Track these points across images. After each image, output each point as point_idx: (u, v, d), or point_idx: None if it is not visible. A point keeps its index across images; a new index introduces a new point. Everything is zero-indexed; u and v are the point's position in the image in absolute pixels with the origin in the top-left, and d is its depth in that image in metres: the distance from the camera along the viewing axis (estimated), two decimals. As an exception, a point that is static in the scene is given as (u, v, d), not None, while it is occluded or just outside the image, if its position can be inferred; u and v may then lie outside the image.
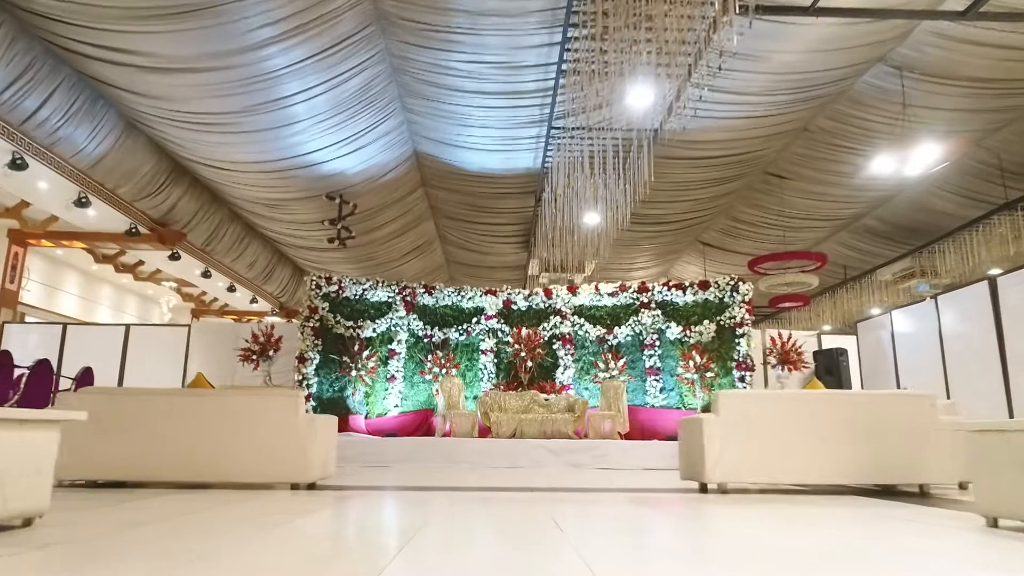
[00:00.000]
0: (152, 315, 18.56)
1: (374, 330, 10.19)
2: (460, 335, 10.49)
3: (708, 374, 9.71)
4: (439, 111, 10.07)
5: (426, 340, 10.42)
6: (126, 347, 10.82)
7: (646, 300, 10.41)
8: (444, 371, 10.01)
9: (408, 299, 10.37)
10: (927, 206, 13.54)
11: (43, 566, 1.97)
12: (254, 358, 9.57)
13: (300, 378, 9.57)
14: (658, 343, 10.29)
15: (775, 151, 12.07)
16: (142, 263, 15.17)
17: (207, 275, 14.79)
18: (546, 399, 9.40)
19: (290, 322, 11.62)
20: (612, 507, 3.88)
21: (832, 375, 10.03)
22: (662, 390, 10.13)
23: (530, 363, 10.00)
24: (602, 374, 10.02)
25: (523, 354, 10.01)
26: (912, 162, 9.81)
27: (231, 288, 16.25)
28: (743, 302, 9.94)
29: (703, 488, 4.62)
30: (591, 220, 11.43)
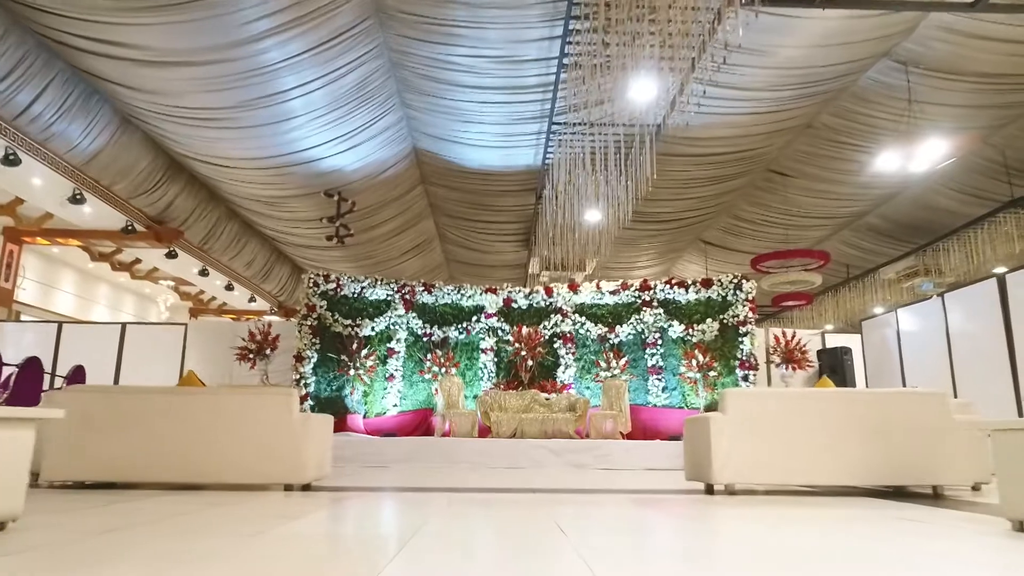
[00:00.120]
0: (150, 314, 18.43)
1: (373, 328, 10.07)
2: (460, 334, 10.38)
3: (711, 373, 9.59)
4: (438, 106, 9.94)
5: (425, 339, 10.30)
6: (122, 346, 10.73)
7: (648, 298, 10.29)
8: (444, 370, 9.90)
9: (407, 297, 10.25)
10: (931, 204, 13.42)
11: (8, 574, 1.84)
12: (251, 357, 9.46)
13: (298, 377, 9.47)
14: (660, 342, 10.17)
15: (778, 148, 11.95)
16: (139, 261, 15.04)
17: (204, 273, 14.66)
18: (547, 398, 9.30)
19: (289, 321, 11.48)
20: (616, 509, 3.75)
21: (836, 374, 9.89)
22: (664, 389, 10.00)
23: (531, 362, 9.89)
24: (603, 373, 9.90)
25: (523, 353, 9.90)
26: (918, 159, 9.68)
27: (229, 287, 16.13)
28: (746, 300, 9.84)
29: (709, 489, 4.49)
30: (592, 217, 11.31)
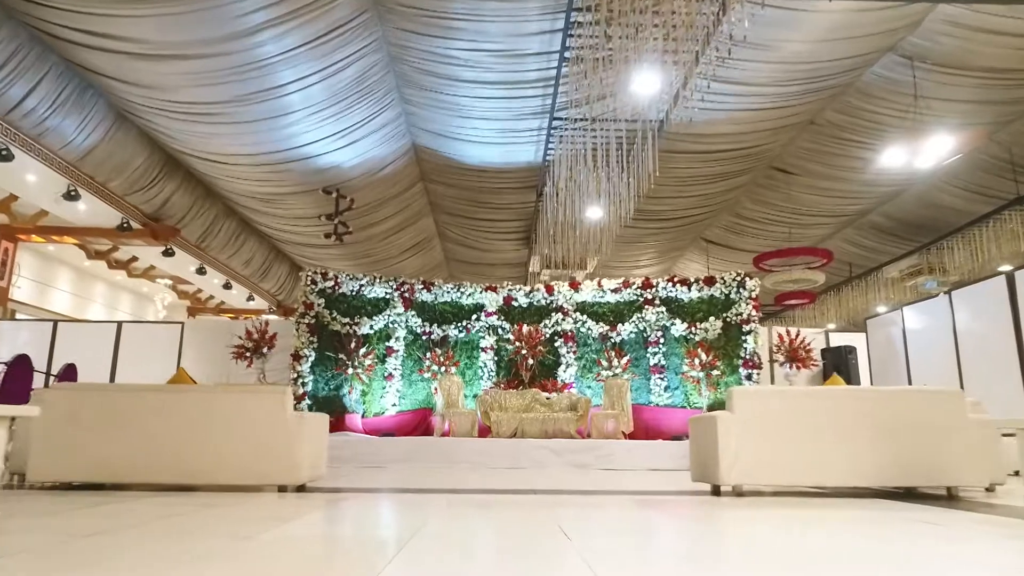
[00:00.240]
0: (147, 313, 18.29)
1: (371, 327, 9.95)
2: (459, 332, 10.25)
3: (714, 372, 9.47)
4: (438, 102, 9.81)
5: (425, 337, 10.18)
6: (118, 344, 10.59)
7: (650, 296, 10.16)
8: (443, 369, 9.78)
9: (406, 295, 10.12)
10: (935, 202, 13.29)
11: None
12: (247, 355, 9.32)
13: (295, 376, 9.34)
14: (662, 340, 10.04)
15: (781, 145, 11.83)
16: (136, 259, 14.91)
17: (202, 272, 14.52)
18: (548, 398, 9.17)
19: (287, 320, 11.35)
20: (621, 511, 3.62)
21: (840, 373, 9.72)
22: (667, 388, 9.88)
23: (531, 361, 9.77)
24: (605, 372, 9.77)
25: (524, 352, 9.78)
26: (923, 155, 9.55)
27: (227, 285, 16.00)
28: (750, 298, 9.71)
29: (716, 491, 4.36)
30: (594, 215, 11.18)
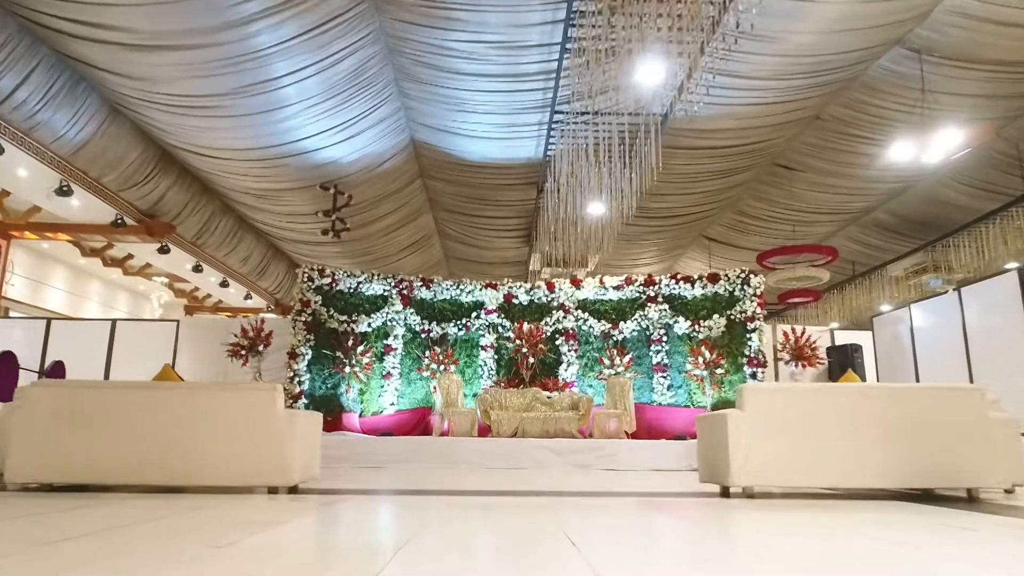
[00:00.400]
0: (144, 311, 18.11)
1: (369, 325, 9.78)
2: (459, 330, 10.08)
3: (718, 371, 9.30)
4: (437, 96, 9.64)
5: (423, 335, 10.01)
6: (112, 343, 10.42)
7: (653, 294, 9.99)
8: (442, 368, 9.61)
9: (405, 293, 9.95)
10: (940, 199, 13.12)
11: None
12: (243, 353, 9.16)
13: (291, 375, 9.17)
14: (665, 338, 9.87)
15: (785, 140, 11.66)
16: (131, 257, 14.73)
17: (198, 269, 14.33)
18: (549, 397, 9.01)
19: (284, 318, 11.18)
20: (628, 514, 3.45)
21: (846, 372, 9.59)
22: (670, 387, 9.71)
23: (532, 359, 9.60)
24: (607, 371, 9.60)
25: (524, 350, 9.61)
26: (931, 150, 9.38)
27: (224, 283, 15.81)
28: (754, 295, 9.54)
29: (725, 492, 4.19)
30: (595, 211, 11.01)
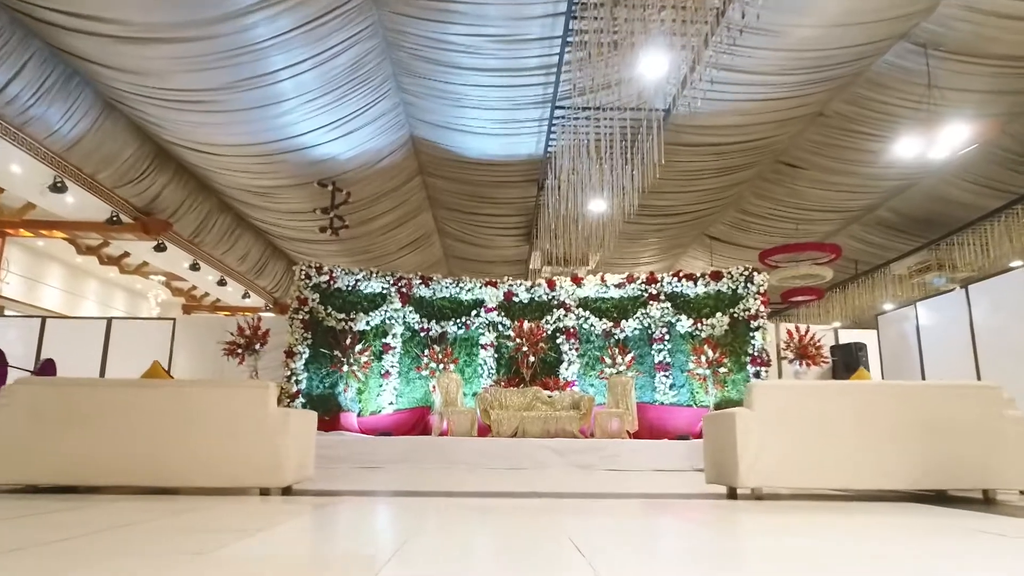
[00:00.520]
0: (141, 310, 17.98)
1: (367, 323, 9.65)
2: (459, 328, 9.95)
3: (721, 370, 9.18)
4: (436, 91, 9.51)
5: (423, 334, 9.88)
6: (108, 341, 10.29)
7: (655, 292, 9.86)
8: (441, 366, 9.49)
9: (404, 290, 9.82)
10: (943, 196, 12.99)
11: None
12: (239, 352, 9.03)
13: (289, 373, 9.05)
14: (668, 337, 9.74)
15: (788, 137, 11.53)
16: (127, 255, 14.60)
17: (196, 268, 14.21)
18: (549, 396, 8.88)
19: (282, 316, 11.07)
20: (634, 518, 3.33)
21: (851, 371, 9.47)
22: (672, 387, 9.58)
23: (532, 358, 9.48)
24: (608, 369, 9.48)
25: (525, 348, 9.48)
26: (937, 146, 9.26)
27: (222, 282, 15.68)
28: (758, 293, 9.42)
29: (732, 493, 4.06)
30: (596, 208, 10.88)
